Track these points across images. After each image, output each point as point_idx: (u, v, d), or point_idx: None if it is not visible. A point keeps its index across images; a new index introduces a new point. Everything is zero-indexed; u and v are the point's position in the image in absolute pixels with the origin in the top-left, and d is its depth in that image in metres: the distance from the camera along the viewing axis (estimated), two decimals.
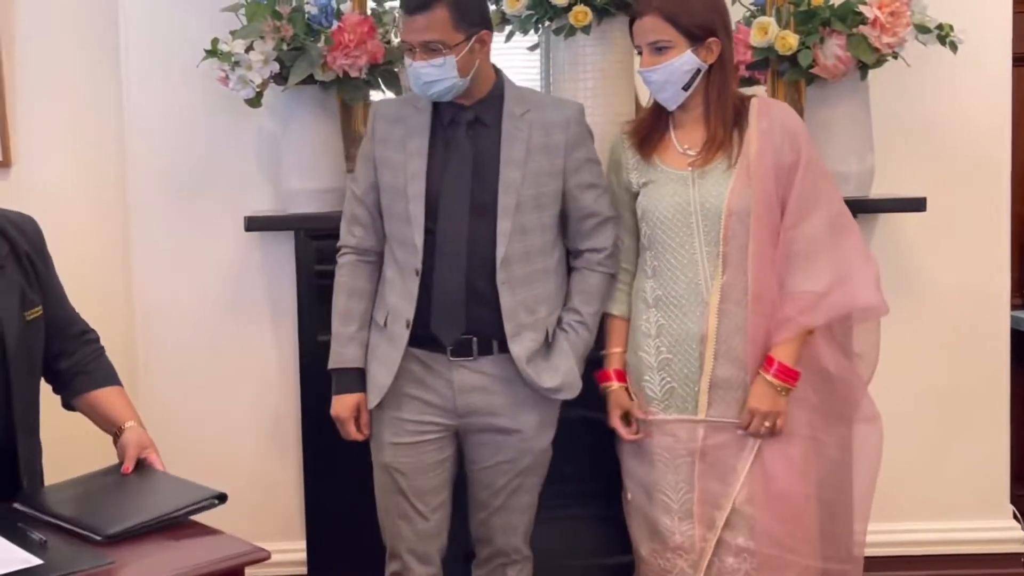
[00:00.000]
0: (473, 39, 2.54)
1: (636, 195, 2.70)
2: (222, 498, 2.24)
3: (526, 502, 2.79)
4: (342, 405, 2.72)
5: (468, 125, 2.62)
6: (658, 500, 2.70)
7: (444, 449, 2.73)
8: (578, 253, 2.73)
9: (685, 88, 2.60)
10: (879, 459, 2.78)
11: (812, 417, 2.66)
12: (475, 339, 2.63)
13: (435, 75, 2.53)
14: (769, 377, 2.58)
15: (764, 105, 2.66)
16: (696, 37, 2.56)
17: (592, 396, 2.80)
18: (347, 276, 2.74)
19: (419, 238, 2.60)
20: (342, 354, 2.71)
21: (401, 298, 2.64)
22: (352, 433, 2.72)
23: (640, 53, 2.62)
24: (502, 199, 2.59)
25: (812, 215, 2.60)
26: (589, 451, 3.27)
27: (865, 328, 2.72)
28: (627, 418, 2.76)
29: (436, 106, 2.64)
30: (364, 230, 2.72)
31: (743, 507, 2.62)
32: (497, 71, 2.67)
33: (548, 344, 2.68)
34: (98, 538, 2.04)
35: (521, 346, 2.63)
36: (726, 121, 2.62)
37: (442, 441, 2.72)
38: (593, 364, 2.82)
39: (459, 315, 2.61)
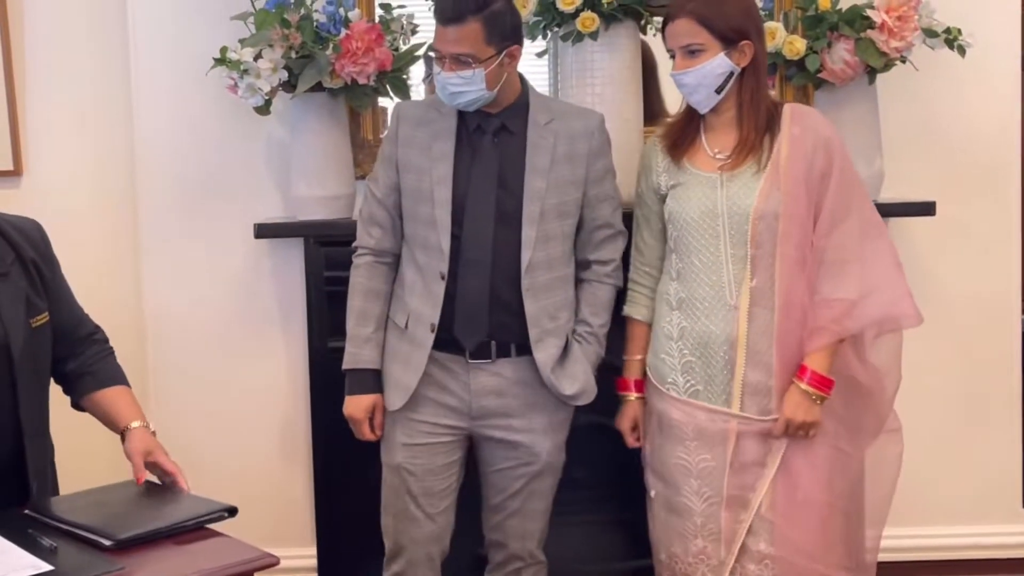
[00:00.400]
0: (503, 53, 2.55)
1: (664, 198, 2.70)
2: (232, 512, 2.24)
3: (541, 507, 2.79)
4: (356, 406, 2.71)
5: (494, 132, 2.64)
6: (680, 504, 2.68)
7: (455, 452, 2.74)
8: (585, 264, 2.74)
9: (718, 91, 2.59)
10: (899, 470, 2.78)
11: (837, 427, 2.66)
12: (494, 343, 2.65)
13: (462, 87, 2.54)
14: (804, 386, 2.57)
15: (797, 111, 2.66)
16: (729, 40, 2.56)
17: (604, 402, 2.81)
18: (364, 277, 2.74)
19: (446, 243, 2.61)
20: (358, 355, 2.71)
21: (423, 302, 2.65)
22: (366, 433, 2.72)
23: (672, 56, 2.62)
24: (527, 207, 2.61)
25: (845, 223, 2.60)
26: (601, 456, 3.27)
27: (888, 344, 2.70)
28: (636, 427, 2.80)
29: (462, 111, 2.65)
30: (383, 231, 2.73)
31: (765, 513, 2.61)
32: (522, 80, 2.69)
33: (565, 351, 2.70)
34: (108, 543, 2.04)
35: (546, 352, 2.65)
36: (758, 125, 2.61)
37: (454, 444, 2.73)
38: (611, 370, 2.82)
39: (482, 320, 2.63)
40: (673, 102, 3.17)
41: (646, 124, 3.20)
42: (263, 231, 3.19)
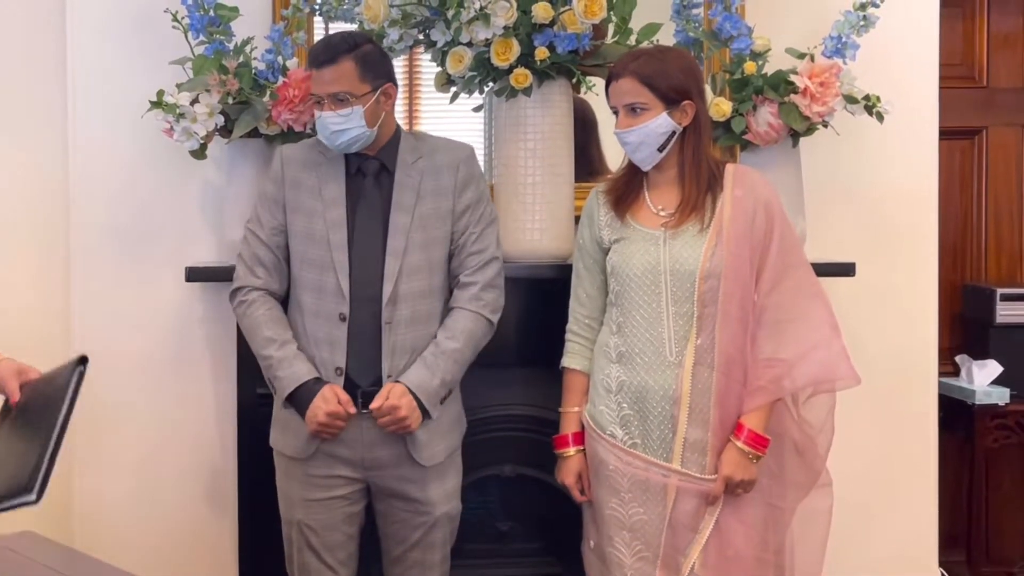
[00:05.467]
0: (379, 91, 2.64)
1: (607, 251, 2.73)
2: (83, 360, 2.04)
3: (438, 558, 2.79)
4: (322, 401, 2.60)
5: (375, 174, 2.70)
6: (611, 555, 2.68)
7: (355, 503, 2.75)
8: (455, 285, 2.76)
9: (660, 149, 2.64)
10: (829, 524, 2.79)
11: (771, 484, 2.68)
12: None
13: (343, 124, 2.61)
14: (740, 444, 2.59)
15: (740, 173, 2.71)
16: (671, 100, 2.61)
17: (530, 454, 2.82)
18: (263, 308, 2.71)
19: (345, 284, 2.64)
20: (294, 373, 2.63)
21: (319, 347, 2.66)
22: (346, 405, 2.60)
23: (616, 114, 2.67)
24: (391, 241, 2.66)
25: (783, 283, 2.64)
26: (526, 509, 3.29)
27: (822, 401, 2.73)
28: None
29: (345, 155, 2.71)
30: (268, 272, 2.73)
31: (698, 571, 2.62)
32: (396, 123, 2.77)
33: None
34: (33, 497, 1.86)
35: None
36: (700, 184, 2.65)
37: (353, 496, 2.74)
38: (546, 424, 2.84)
39: (376, 358, 2.65)
40: (612, 159, 3.26)
41: (587, 181, 3.25)
42: (194, 275, 3.18)
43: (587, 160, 3.39)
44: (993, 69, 4.17)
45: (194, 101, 3.01)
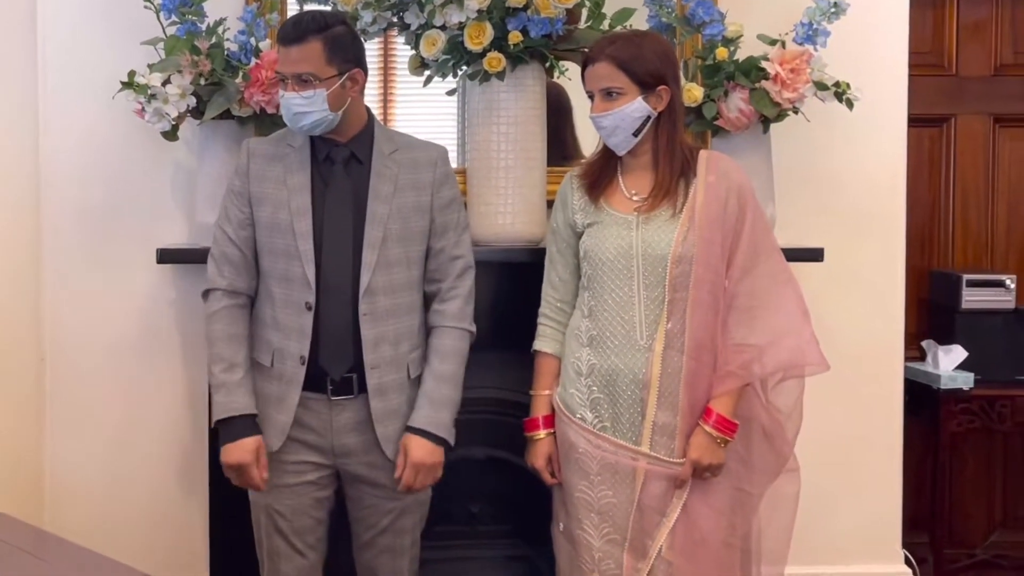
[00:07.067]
0: (345, 76, 2.60)
1: (580, 235, 2.74)
2: None
3: (408, 542, 2.79)
4: (243, 450, 2.62)
5: (344, 162, 2.68)
6: (580, 537, 2.70)
7: (324, 489, 2.74)
8: (433, 297, 2.76)
9: (635, 134, 2.65)
10: (795, 508, 2.81)
11: (739, 468, 2.70)
12: (355, 376, 2.65)
13: (305, 107, 2.58)
14: (708, 428, 2.61)
15: (713, 158, 2.72)
16: (647, 85, 2.62)
17: (500, 435, 2.83)
18: (224, 323, 2.68)
19: (311, 272, 2.62)
20: (233, 402, 2.64)
21: (288, 336, 2.65)
22: (255, 478, 2.64)
23: (592, 98, 2.67)
24: (369, 232, 2.63)
25: (755, 269, 2.65)
26: (496, 492, 3.30)
27: (790, 387, 2.75)
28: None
29: (312, 143, 2.68)
30: (235, 270, 2.70)
31: (665, 554, 2.64)
32: (368, 112, 2.74)
33: (410, 380, 2.71)
34: None
35: (379, 380, 2.65)
36: (674, 169, 2.66)
37: (322, 481, 2.73)
38: (517, 407, 2.85)
39: (347, 347, 2.64)
40: (586, 143, 3.26)
41: (561, 165, 3.26)
42: (166, 256, 3.18)
43: (561, 144, 3.39)
44: (962, 57, 4.20)
45: (166, 82, 2.99)
